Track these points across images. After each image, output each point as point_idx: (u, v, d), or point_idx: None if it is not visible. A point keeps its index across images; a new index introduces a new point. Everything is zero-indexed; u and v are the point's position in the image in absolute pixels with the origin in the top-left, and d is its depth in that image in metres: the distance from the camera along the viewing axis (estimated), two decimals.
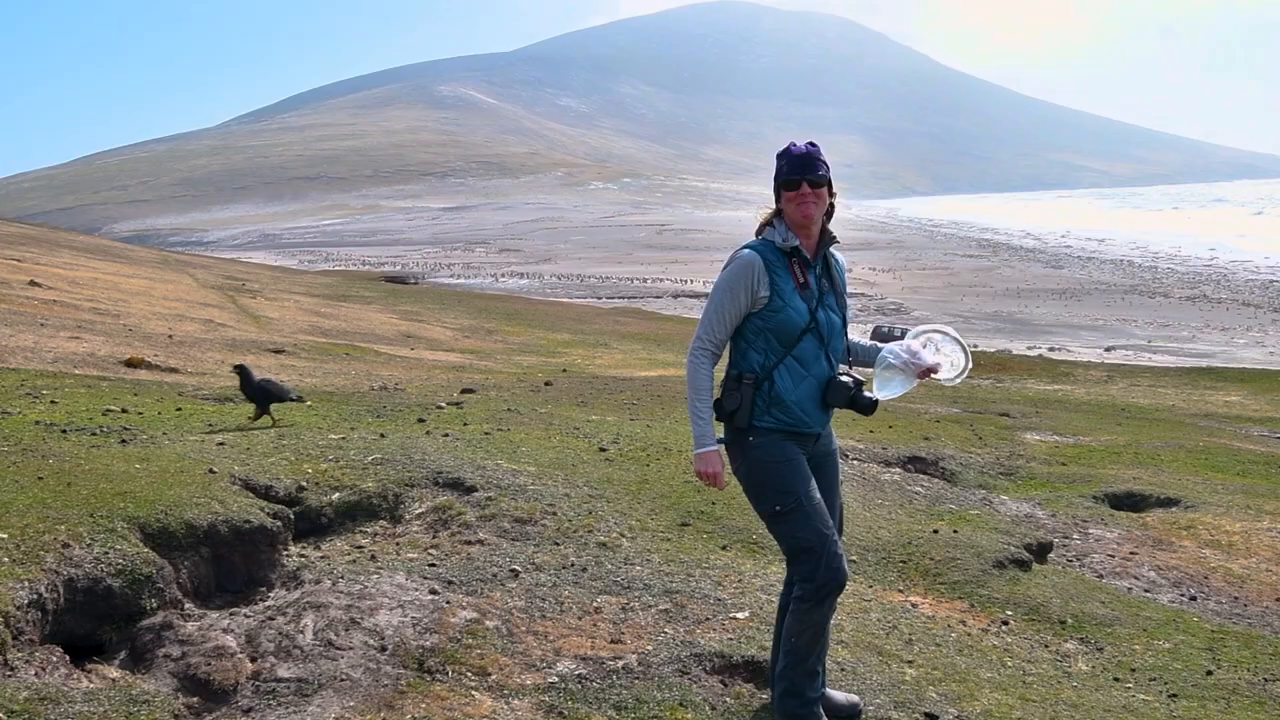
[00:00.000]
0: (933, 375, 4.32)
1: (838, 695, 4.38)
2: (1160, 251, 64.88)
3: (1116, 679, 5.03)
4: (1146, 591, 6.88)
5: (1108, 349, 29.53)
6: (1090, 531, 8.22)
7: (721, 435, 4.23)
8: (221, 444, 7.38)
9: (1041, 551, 7.16)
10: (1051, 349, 29.05)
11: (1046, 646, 5.41)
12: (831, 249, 4.30)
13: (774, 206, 4.26)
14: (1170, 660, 5.30)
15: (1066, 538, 7.99)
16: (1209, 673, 5.15)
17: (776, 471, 4.09)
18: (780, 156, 4.21)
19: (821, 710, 4.16)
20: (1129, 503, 9.23)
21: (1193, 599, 6.76)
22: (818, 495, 4.14)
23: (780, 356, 4.10)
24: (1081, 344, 30.56)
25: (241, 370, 8.76)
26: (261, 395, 8.65)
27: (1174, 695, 4.86)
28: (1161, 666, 5.21)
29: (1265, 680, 5.11)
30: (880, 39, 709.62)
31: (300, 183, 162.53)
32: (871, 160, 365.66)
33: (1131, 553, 7.67)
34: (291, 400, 8.91)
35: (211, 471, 6.30)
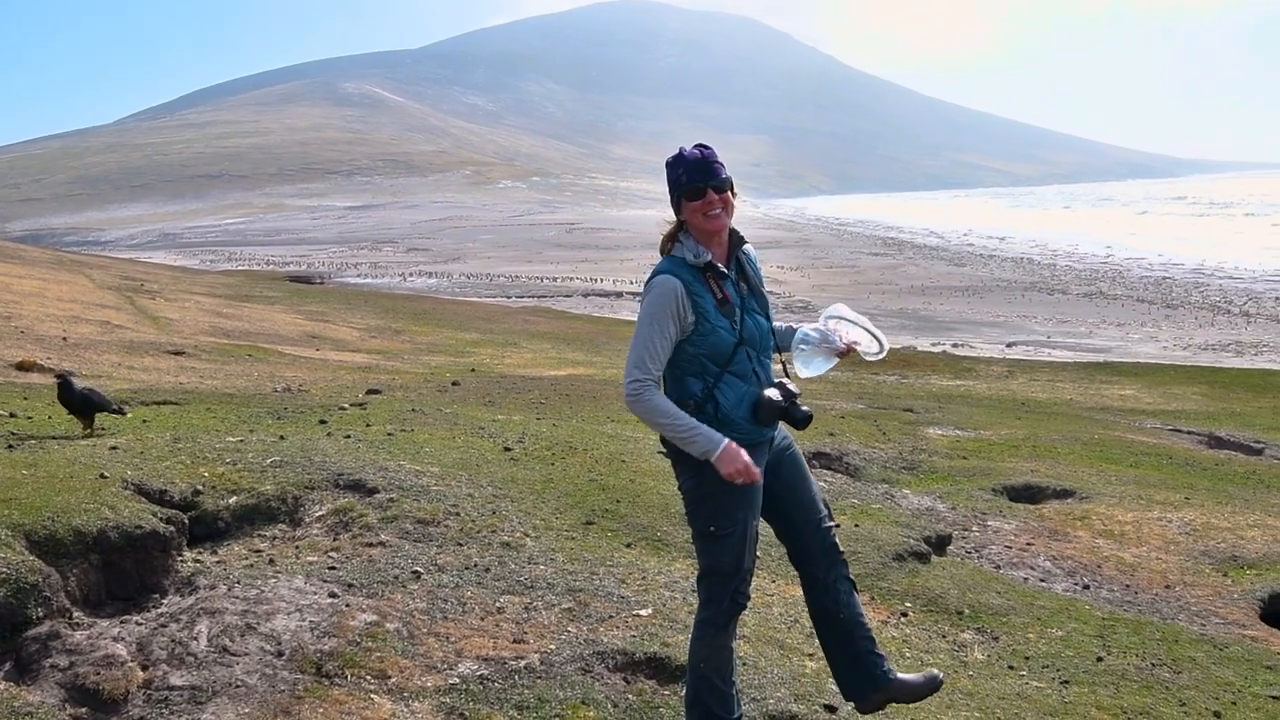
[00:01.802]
0: (855, 349, 4.18)
1: (912, 677, 4.24)
2: (1059, 249, 66.42)
3: (1011, 667, 5.14)
4: (1042, 581, 7.05)
5: (1009, 345, 30.12)
6: (989, 523, 8.39)
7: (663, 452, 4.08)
8: (114, 448, 7.19)
9: (941, 544, 7.30)
10: (955, 345, 29.55)
11: (944, 637, 5.51)
12: (742, 248, 4.14)
13: (675, 219, 4.03)
14: (1063, 648, 5.43)
15: (966, 530, 8.15)
16: (1099, 659, 5.29)
17: (727, 492, 3.92)
18: (675, 164, 3.98)
19: None
20: (1026, 495, 9.45)
21: (1086, 588, 6.93)
22: (756, 525, 4.05)
23: (718, 376, 3.94)
24: (984, 340, 31.14)
25: (63, 382, 8.03)
26: (85, 406, 8.11)
27: (1066, 682, 4.98)
28: (1054, 654, 5.34)
29: (1152, 665, 5.26)
30: (785, 39, 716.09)
31: (201, 181, 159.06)
32: (777, 159, 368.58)
33: (1028, 543, 7.85)
34: (113, 412, 8.26)
35: (103, 476, 6.14)
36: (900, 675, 4.23)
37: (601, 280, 48.31)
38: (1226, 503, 9.21)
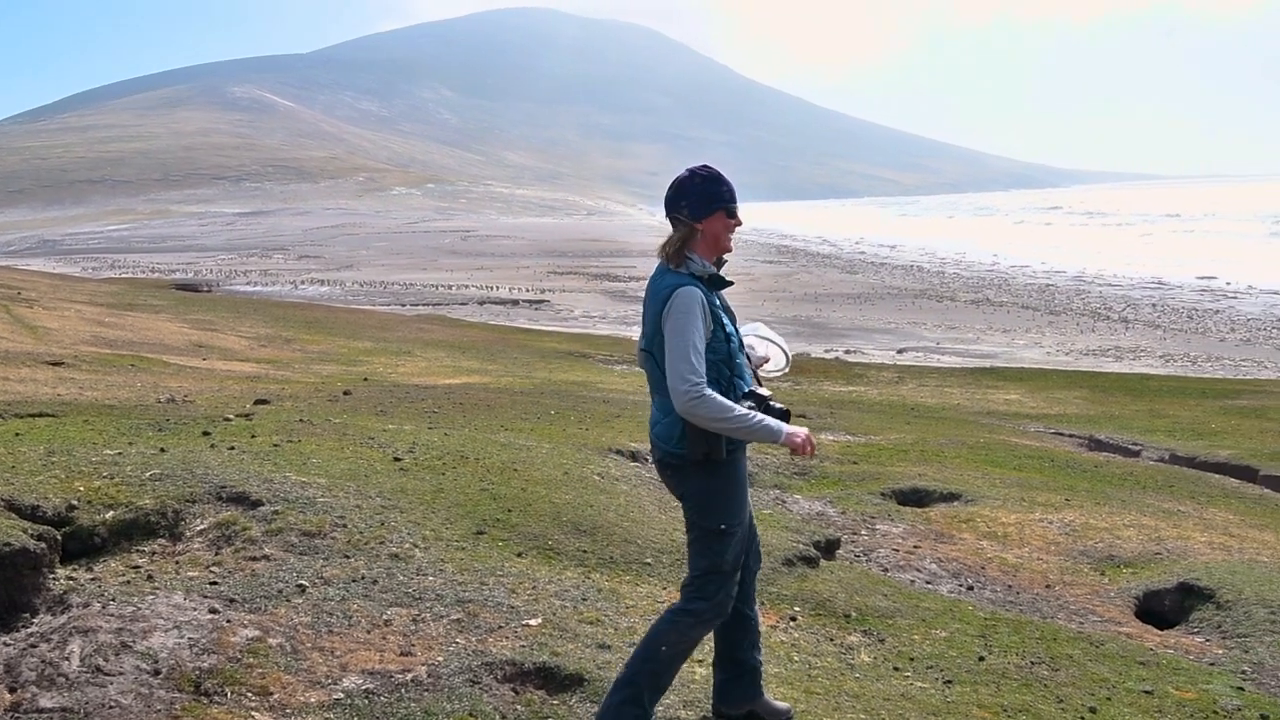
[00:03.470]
0: (763, 368, 4.49)
1: (779, 704, 4.51)
2: (947, 258, 67.98)
3: (896, 668, 5.22)
4: (928, 583, 7.18)
5: (900, 351, 30.70)
6: (877, 527, 8.53)
7: (665, 459, 4.20)
8: None
9: (830, 548, 7.38)
10: (848, 351, 30.02)
11: (832, 640, 5.57)
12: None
13: (683, 227, 4.21)
14: (946, 648, 5.54)
15: (855, 534, 8.27)
16: (981, 658, 5.40)
17: (737, 490, 4.17)
18: (718, 180, 4.24)
19: None
20: (914, 498, 9.63)
21: (970, 589, 7.08)
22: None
23: (729, 381, 4.14)
24: (875, 346, 31.70)
25: None
26: None
27: (949, 681, 5.07)
28: (938, 654, 5.43)
29: (1032, 663, 5.39)
30: (681, 49, 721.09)
31: (82, 186, 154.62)
32: (673, 168, 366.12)
33: (915, 546, 7.99)
34: None
35: None
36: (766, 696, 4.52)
37: (497, 288, 48.11)
38: (1105, 503, 9.49)
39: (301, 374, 19.40)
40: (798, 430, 4.04)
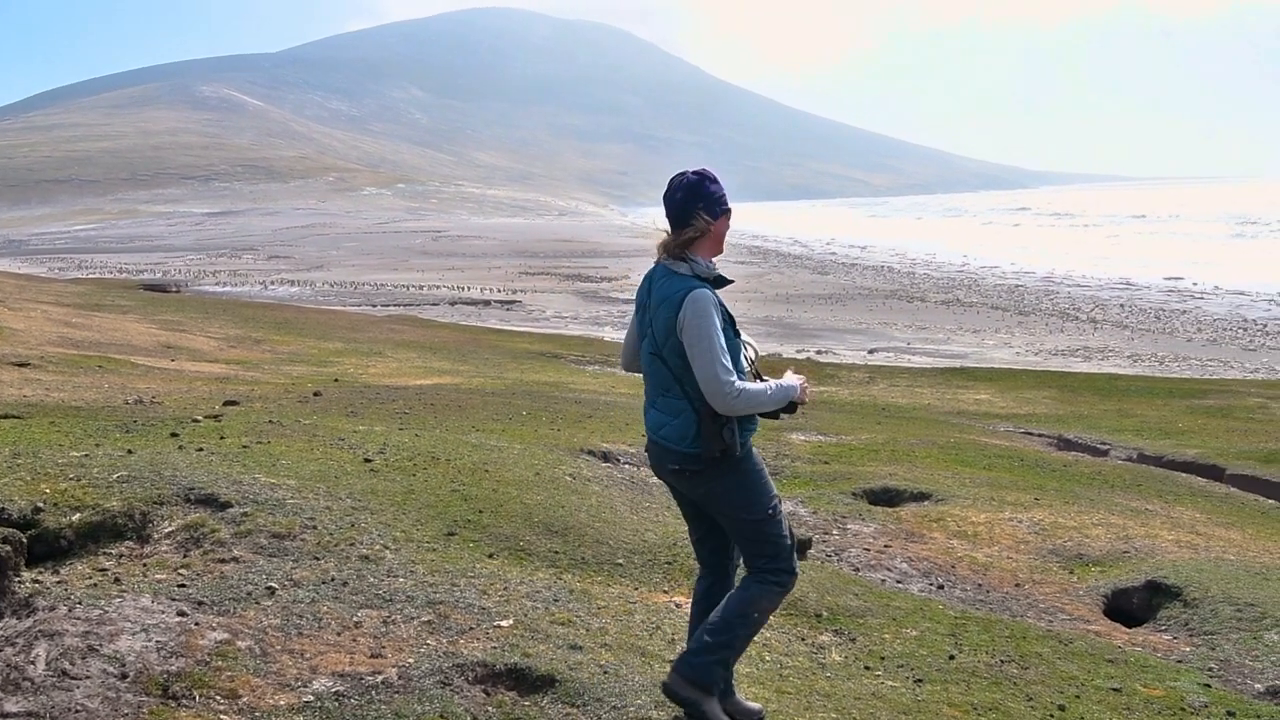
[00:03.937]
0: None
1: (751, 704, 4.55)
2: (917, 258, 68.31)
3: (867, 667, 5.24)
4: (899, 582, 7.22)
5: (871, 351, 30.80)
6: (849, 527, 8.56)
7: (682, 463, 4.30)
8: None
9: (801, 548, 7.39)
10: (819, 352, 30.09)
11: (803, 640, 5.59)
12: None
13: (688, 228, 4.29)
14: (917, 647, 5.56)
15: (826, 534, 8.30)
16: (951, 657, 5.43)
17: (763, 477, 4.37)
18: (713, 182, 4.35)
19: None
20: (885, 498, 9.67)
21: (940, 588, 7.12)
22: None
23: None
24: (847, 347, 31.80)
25: None
26: None
27: (919, 680, 5.10)
28: (909, 653, 5.46)
29: (1001, 661, 5.42)
30: (651, 49, 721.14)
31: (49, 185, 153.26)
32: (643, 168, 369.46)
33: (886, 546, 8.03)
34: None
35: None
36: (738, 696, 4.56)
37: (468, 289, 47.96)
38: (1073, 502, 9.56)
39: (271, 375, 19.28)
40: (801, 380, 4.38)
